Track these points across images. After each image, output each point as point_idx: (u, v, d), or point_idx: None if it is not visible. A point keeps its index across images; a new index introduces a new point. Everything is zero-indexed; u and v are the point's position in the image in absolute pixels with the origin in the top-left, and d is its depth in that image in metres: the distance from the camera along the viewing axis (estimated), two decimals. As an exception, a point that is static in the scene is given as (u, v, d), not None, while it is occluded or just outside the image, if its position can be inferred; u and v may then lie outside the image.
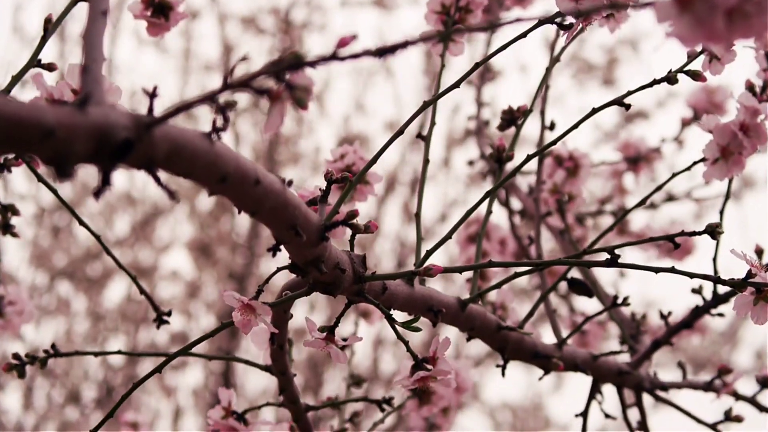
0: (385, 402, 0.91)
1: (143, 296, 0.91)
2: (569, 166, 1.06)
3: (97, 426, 0.80)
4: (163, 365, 0.79)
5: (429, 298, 0.80)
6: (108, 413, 0.80)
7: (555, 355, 0.89)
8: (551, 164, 1.07)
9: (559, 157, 1.07)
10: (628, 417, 0.97)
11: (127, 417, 1.23)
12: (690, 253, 1.36)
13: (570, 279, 0.89)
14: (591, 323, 1.41)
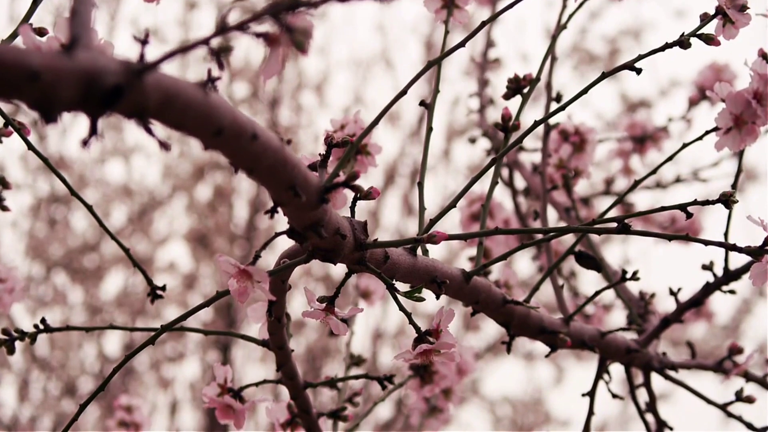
0: (386, 379, 0.88)
1: (136, 269, 0.88)
2: (575, 141, 1.03)
3: (88, 399, 0.77)
4: (156, 336, 0.76)
5: (432, 269, 0.77)
6: (99, 386, 0.77)
7: (562, 330, 0.86)
8: (557, 139, 1.04)
9: (564, 131, 1.04)
10: (636, 397, 0.94)
11: (121, 401, 1.20)
12: (697, 234, 1.33)
13: (578, 252, 0.86)
14: (596, 307, 1.39)
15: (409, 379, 0.97)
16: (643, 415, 0.95)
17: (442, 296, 0.81)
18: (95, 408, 3.14)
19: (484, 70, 1.30)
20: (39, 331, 0.89)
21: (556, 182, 0.99)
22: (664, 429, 0.98)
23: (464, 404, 3.60)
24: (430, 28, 3.53)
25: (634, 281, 0.87)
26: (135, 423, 1.18)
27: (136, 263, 0.88)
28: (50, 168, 0.85)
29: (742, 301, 3.15)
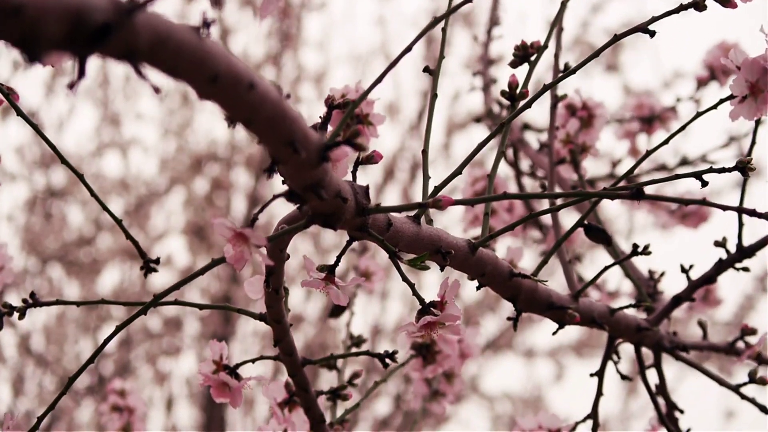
0: (388, 356, 0.85)
1: (129, 241, 0.85)
2: (583, 116, 1.00)
3: (77, 372, 0.74)
4: (150, 305, 0.73)
5: (437, 239, 0.74)
6: (89, 358, 0.74)
7: (571, 306, 0.83)
8: (564, 114, 1.01)
9: (571, 106, 1.01)
10: (647, 378, 0.91)
11: (114, 385, 1.17)
12: (705, 220, 1.30)
13: (587, 224, 0.82)
14: (602, 293, 1.35)
15: (411, 358, 0.94)
16: (654, 397, 0.92)
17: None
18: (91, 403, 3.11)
19: (487, 50, 1.27)
20: (28, 305, 0.86)
21: (564, 156, 0.96)
22: (674, 412, 0.95)
23: (463, 402, 3.57)
24: (429, 18, 3.50)
25: (645, 256, 0.84)
26: (129, 407, 1.15)
27: (130, 236, 0.85)
28: (41, 136, 0.82)
29: (744, 297, 3.12)
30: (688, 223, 1.30)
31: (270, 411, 0.87)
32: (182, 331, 3.09)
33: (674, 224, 1.30)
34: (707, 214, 1.30)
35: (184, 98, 3.50)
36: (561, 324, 0.85)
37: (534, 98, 0.78)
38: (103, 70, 3.60)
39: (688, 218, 1.29)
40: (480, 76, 1.24)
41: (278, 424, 0.87)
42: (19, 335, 3.08)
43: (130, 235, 0.86)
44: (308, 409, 0.84)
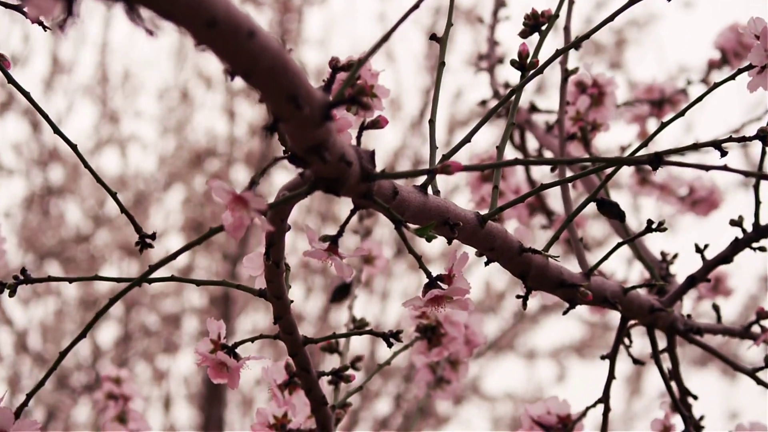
0: (392, 336, 0.81)
1: (124, 215, 0.82)
2: (593, 93, 0.97)
3: (69, 345, 0.71)
4: (145, 276, 0.70)
5: (445, 210, 0.71)
6: (82, 331, 0.71)
7: (582, 284, 0.80)
8: (574, 92, 0.98)
9: (581, 83, 0.98)
10: (660, 361, 0.88)
11: (109, 372, 1.13)
12: (716, 206, 1.27)
13: (600, 199, 0.79)
14: (609, 282, 1.32)
15: (416, 341, 0.91)
16: (668, 381, 0.88)
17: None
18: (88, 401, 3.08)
19: (493, 30, 1.24)
20: (19, 281, 0.83)
21: (575, 132, 0.93)
22: (687, 397, 0.92)
23: (464, 403, 3.53)
24: (432, 19, 3.48)
25: (660, 232, 0.81)
26: (124, 395, 1.12)
27: (124, 209, 0.82)
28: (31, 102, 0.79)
29: (749, 297, 3.09)
30: (699, 210, 1.27)
31: (270, 393, 0.84)
32: (180, 328, 3.05)
33: (684, 212, 1.27)
34: (718, 201, 1.27)
35: (184, 95, 3.47)
36: (572, 303, 0.82)
37: (544, 65, 0.75)
38: (102, 67, 3.57)
39: (698, 205, 1.26)
40: (486, 59, 1.21)
41: (278, 406, 0.84)
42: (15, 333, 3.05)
43: (125, 209, 0.83)
44: (309, 391, 0.81)
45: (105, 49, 3.56)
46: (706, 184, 1.26)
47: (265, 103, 0.57)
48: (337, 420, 0.88)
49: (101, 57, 3.54)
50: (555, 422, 0.90)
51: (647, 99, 1.20)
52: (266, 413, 0.85)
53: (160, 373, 2.97)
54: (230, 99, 3.26)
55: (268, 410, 0.85)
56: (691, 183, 1.26)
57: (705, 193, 1.26)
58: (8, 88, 3.33)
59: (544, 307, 3.53)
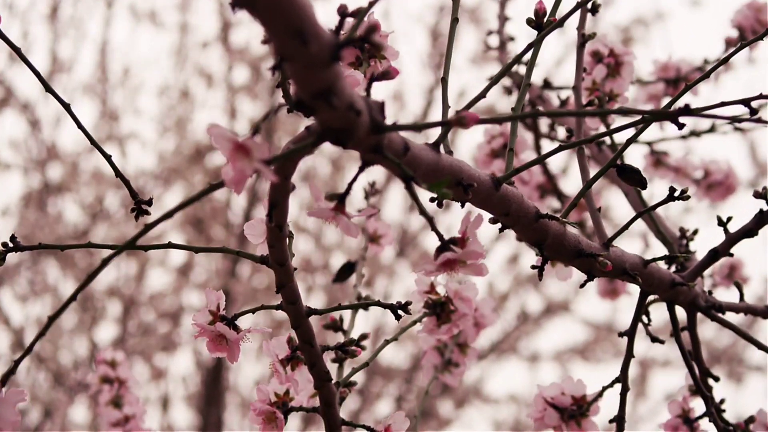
0: (401, 308, 0.77)
1: (119, 179, 0.78)
2: (609, 63, 0.93)
3: (58, 311, 0.67)
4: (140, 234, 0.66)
5: (458, 170, 0.68)
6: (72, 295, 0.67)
7: (601, 254, 0.76)
8: (590, 62, 0.94)
9: (597, 53, 0.94)
10: (680, 339, 0.84)
11: (105, 355, 1.09)
12: (733, 191, 1.22)
13: (621, 165, 0.76)
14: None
15: (425, 316, 0.86)
16: (689, 360, 0.84)
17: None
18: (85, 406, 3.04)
19: (504, 7, 1.21)
20: (8, 249, 0.79)
21: (593, 99, 0.89)
22: (708, 379, 0.88)
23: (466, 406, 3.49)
24: (436, 17, 3.44)
25: (683, 201, 0.77)
26: (119, 379, 1.08)
27: (119, 173, 0.78)
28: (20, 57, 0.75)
29: (757, 299, 3.05)
30: (714, 195, 1.23)
31: (271, 369, 0.80)
32: (180, 326, 3.01)
33: (700, 196, 1.23)
34: (734, 186, 1.23)
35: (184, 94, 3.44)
36: (590, 275, 0.77)
37: (561, 21, 0.71)
38: (102, 65, 3.53)
39: (713, 190, 1.22)
40: (497, 35, 1.17)
41: (280, 383, 0.80)
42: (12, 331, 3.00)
43: (120, 173, 0.79)
44: (313, 366, 0.77)
45: (105, 48, 3.53)
46: (722, 167, 1.22)
47: (270, 42, 0.53)
48: (342, 399, 0.84)
49: (101, 55, 3.51)
50: (569, 404, 0.86)
51: (662, 77, 1.16)
52: (267, 391, 0.81)
53: (158, 371, 2.93)
54: (231, 96, 3.23)
55: (269, 387, 0.81)
56: (706, 166, 1.22)
57: (721, 177, 1.22)
58: (5, 85, 3.29)
59: (548, 310, 3.49)
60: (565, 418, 0.86)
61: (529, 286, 3.41)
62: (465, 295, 0.87)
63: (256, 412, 0.80)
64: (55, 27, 3.54)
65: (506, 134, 1.05)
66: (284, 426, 0.81)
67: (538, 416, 0.87)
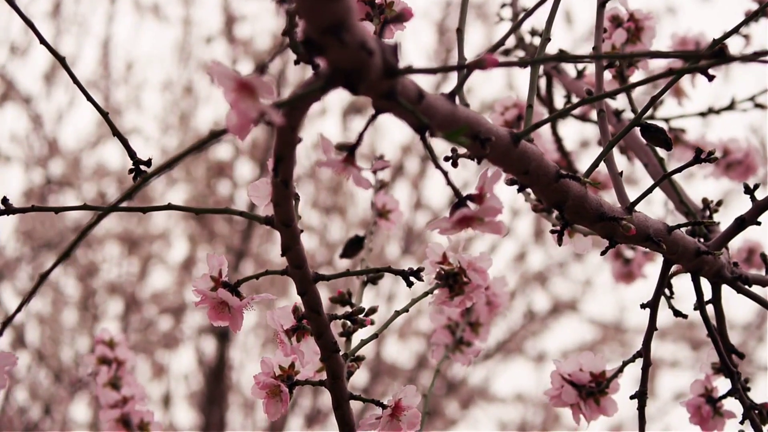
0: (412, 274, 0.74)
1: (117, 138, 0.74)
2: (629, 27, 0.89)
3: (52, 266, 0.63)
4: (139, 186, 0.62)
5: (475, 122, 0.64)
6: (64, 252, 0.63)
7: (625, 217, 0.72)
8: (609, 27, 0.90)
9: (616, 17, 0.90)
10: (705, 312, 0.80)
11: (103, 335, 1.05)
12: (753, 171, 1.18)
13: (645, 124, 0.72)
14: (636, 252, 1.24)
15: (437, 287, 0.82)
16: (714, 335, 0.80)
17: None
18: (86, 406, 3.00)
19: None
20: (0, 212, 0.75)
21: (614, 60, 0.85)
22: (731, 355, 0.84)
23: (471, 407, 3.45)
24: (443, 13, 3.41)
25: (710, 163, 0.73)
26: (117, 359, 1.04)
27: (117, 131, 0.75)
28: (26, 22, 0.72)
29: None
30: (733, 174, 1.19)
31: (276, 340, 0.76)
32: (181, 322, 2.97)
33: (718, 176, 1.19)
34: (754, 165, 1.19)
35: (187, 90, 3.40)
36: (612, 240, 0.74)
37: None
38: (104, 60, 3.50)
39: (733, 169, 1.18)
40: (509, 7, 1.14)
41: (284, 355, 0.76)
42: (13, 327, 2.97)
43: (117, 131, 0.75)
44: (320, 335, 0.73)
45: (107, 43, 3.50)
46: (742, 145, 1.18)
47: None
48: (350, 373, 0.80)
49: (103, 51, 3.48)
50: (588, 380, 0.82)
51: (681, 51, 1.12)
52: (271, 363, 0.77)
53: (159, 367, 2.89)
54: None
55: (273, 360, 0.77)
56: (725, 144, 1.18)
57: (740, 156, 1.18)
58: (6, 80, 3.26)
59: (555, 309, 3.45)
60: (583, 395, 0.83)
61: (536, 285, 3.36)
62: (479, 266, 0.83)
63: (259, 385, 0.76)
64: (58, 23, 3.51)
65: (520, 105, 1.01)
66: (289, 400, 0.77)
67: (555, 393, 0.83)
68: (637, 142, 0.97)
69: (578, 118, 1.13)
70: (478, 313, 1.00)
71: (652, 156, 0.93)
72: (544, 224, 3.34)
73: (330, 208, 3.20)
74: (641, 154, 0.96)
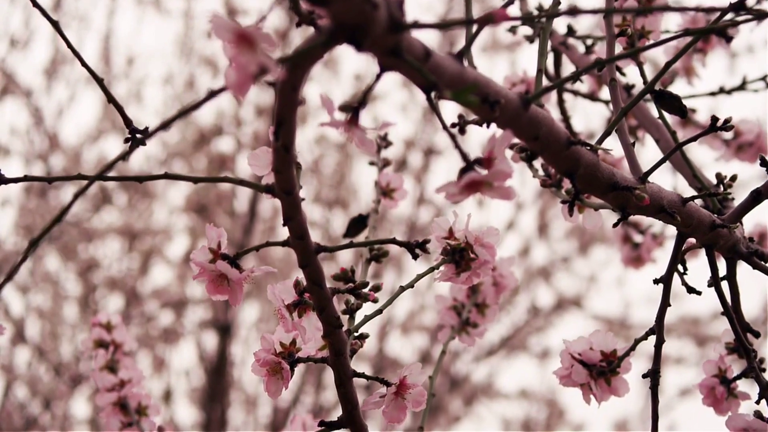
0: (418, 246, 0.71)
1: (112, 104, 0.72)
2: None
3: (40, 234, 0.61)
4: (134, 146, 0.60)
5: (484, 84, 0.61)
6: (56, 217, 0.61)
7: (638, 186, 0.69)
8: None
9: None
10: (720, 288, 0.77)
11: (100, 318, 1.03)
12: (765, 152, 1.16)
13: (660, 91, 0.69)
14: (646, 235, 1.22)
15: (443, 263, 0.80)
16: (730, 311, 0.78)
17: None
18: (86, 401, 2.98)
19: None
20: (-8, 183, 0.73)
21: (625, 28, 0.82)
22: (747, 334, 0.81)
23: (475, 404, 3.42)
24: (445, 7, 3.39)
25: (726, 131, 0.71)
26: (115, 342, 1.01)
27: (111, 97, 0.73)
28: None
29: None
30: (744, 156, 1.16)
31: (277, 315, 0.73)
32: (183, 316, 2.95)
33: (729, 157, 1.16)
34: (766, 147, 1.16)
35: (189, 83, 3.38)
36: (624, 211, 0.71)
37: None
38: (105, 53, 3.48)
39: (744, 151, 1.15)
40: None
41: (286, 331, 0.74)
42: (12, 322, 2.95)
43: (112, 96, 0.73)
44: (322, 310, 0.70)
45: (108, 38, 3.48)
46: (754, 127, 1.15)
47: None
48: (353, 351, 0.77)
49: (104, 45, 3.46)
50: (599, 359, 0.80)
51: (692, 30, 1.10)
52: (272, 340, 0.75)
53: (160, 360, 2.86)
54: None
55: (274, 336, 0.75)
56: (736, 125, 1.16)
57: (752, 137, 1.15)
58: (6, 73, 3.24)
59: (559, 305, 3.42)
60: (593, 375, 0.80)
61: (540, 280, 3.34)
62: (486, 241, 0.80)
63: (259, 362, 0.74)
64: (59, 17, 3.49)
65: (528, 81, 0.99)
66: (290, 378, 0.74)
67: (565, 373, 0.80)
68: (648, 117, 0.94)
69: (587, 97, 1.11)
70: (484, 294, 0.97)
71: (665, 131, 0.90)
72: (549, 218, 3.32)
73: (332, 203, 3.18)
74: (652, 130, 0.93)
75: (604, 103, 1.11)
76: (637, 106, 0.95)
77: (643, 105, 0.96)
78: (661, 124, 0.90)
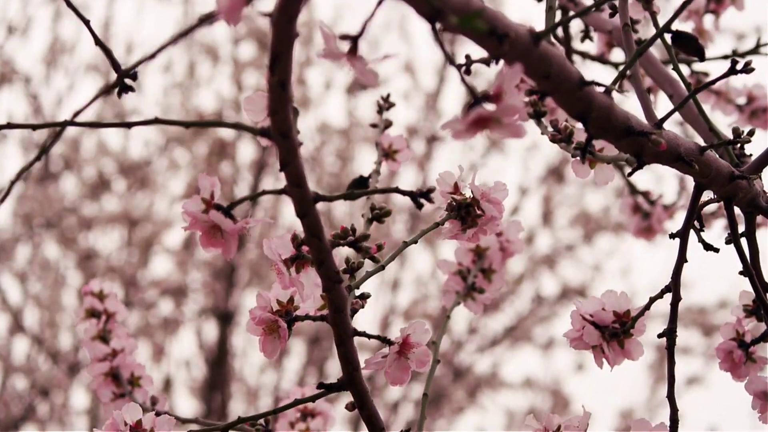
0: (422, 195, 0.67)
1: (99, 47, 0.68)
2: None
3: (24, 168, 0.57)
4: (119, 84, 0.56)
5: (492, 17, 0.58)
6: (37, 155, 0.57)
7: (654, 132, 0.65)
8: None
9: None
10: (740, 243, 0.74)
11: (92, 286, 0.99)
12: (778, 122, 1.12)
13: (676, 31, 0.66)
14: (656, 205, 1.18)
15: (448, 219, 0.76)
16: (750, 270, 0.74)
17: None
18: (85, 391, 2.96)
19: None
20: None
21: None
22: (767, 294, 0.77)
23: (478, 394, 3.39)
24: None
25: (746, 74, 0.67)
26: (107, 311, 0.98)
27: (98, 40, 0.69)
28: None
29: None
30: (759, 122, 1.12)
31: (273, 270, 0.70)
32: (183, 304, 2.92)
33: (743, 124, 1.12)
34: (779, 113, 1.12)
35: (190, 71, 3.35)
36: (640, 159, 0.67)
37: None
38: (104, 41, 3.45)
39: (758, 117, 1.12)
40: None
41: (283, 287, 0.70)
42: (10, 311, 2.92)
43: (100, 40, 0.70)
44: (321, 264, 0.66)
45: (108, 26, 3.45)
46: (767, 92, 1.12)
47: None
48: (354, 310, 0.74)
49: (104, 32, 3.43)
50: (611, 321, 0.76)
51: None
52: (268, 297, 0.71)
53: (159, 348, 2.83)
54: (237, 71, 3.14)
55: (270, 294, 0.71)
56: (750, 91, 1.12)
57: (766, 103, 1.11)
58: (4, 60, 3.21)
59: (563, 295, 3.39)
60: (606, 336, 0.76)
61: (544, 268, 3.30)
62: (493, 196, 0.77)
63: (255, 320, 0.70)
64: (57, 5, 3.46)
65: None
66: (288, 337, 0.71)
67: (576, 335, 0.77)
68: (662, 73, 0.91)
69: (597, 59, 1.07)
70: (490, 259, 0.94)
71: (679, 85, 0.87)
72: (553, 205, 3.28)
73: (334, 190, 3.15)
74: (666, 86, 0.90)
75: (614, 66, 1.07)
76: (650, 62, 0.91)
77: (656, 61, 0.92)
78: (675, 78, 0.86)
